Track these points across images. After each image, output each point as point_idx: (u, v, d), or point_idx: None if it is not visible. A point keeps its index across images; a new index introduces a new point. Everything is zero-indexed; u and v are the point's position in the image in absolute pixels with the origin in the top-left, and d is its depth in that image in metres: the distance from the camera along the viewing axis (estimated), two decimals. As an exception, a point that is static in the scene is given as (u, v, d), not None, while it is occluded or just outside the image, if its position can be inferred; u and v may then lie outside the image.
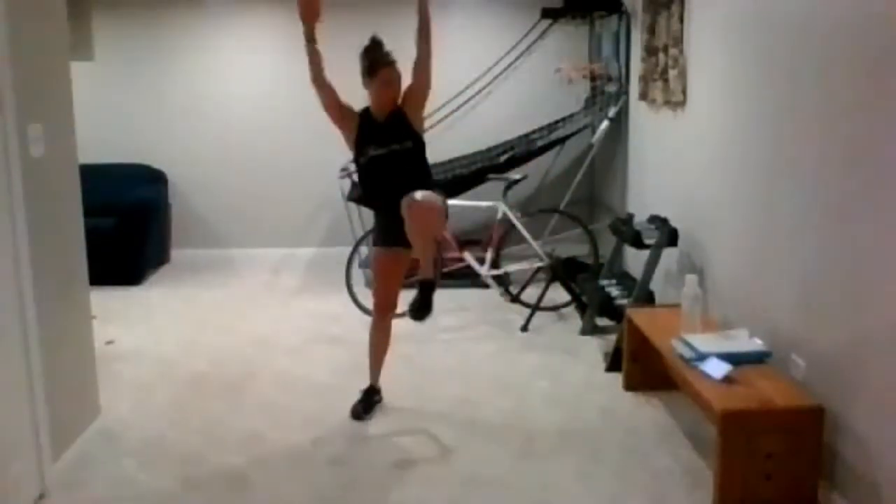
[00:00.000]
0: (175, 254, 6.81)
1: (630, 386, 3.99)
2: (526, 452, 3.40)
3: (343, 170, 6.15)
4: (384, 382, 3.87)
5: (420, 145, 3.62)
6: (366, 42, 3.67)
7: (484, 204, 5.42)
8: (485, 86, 6.62)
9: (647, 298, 4.41)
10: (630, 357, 3.98)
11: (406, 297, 3.70)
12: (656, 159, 5.08)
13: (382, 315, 3.79)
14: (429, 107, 6.40)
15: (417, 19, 3.60)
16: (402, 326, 5.07)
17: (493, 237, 5.40)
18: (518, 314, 5.14)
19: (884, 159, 2.54)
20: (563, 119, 6.18)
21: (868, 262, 2.64)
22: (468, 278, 5.64)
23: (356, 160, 3.66)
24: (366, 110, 3.63)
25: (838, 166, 2.82)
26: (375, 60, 3.59)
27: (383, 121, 3.60)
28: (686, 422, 3.61)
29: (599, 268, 5.17)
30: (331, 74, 3.62)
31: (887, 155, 2.53)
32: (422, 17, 3.59)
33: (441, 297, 5.35)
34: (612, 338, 4.44)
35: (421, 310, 3.52)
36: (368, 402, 3.79)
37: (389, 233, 3.64)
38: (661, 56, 4.74)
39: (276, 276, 6.41)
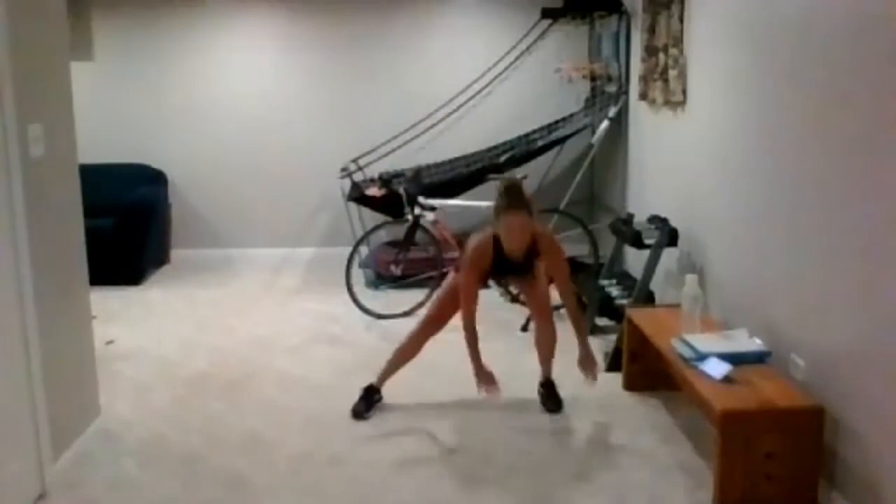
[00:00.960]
0: (175, 254, 6.81)
1: (630, 386, 3.99)
2: (525, 452, 3.40)
3: (343, 170, 6.15)
4: (387, 387, 3.86)
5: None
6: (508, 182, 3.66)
7: (484, 204, 5.41)
8: (485, 86, 6.62)
9: (647, 298, 4.41)
10: (630, 357, 3.98)
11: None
12: (656, 159, 5.08)
13: (432, 331, 3.85)
14: (429, 107, 6.48)
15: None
16: (401, 325, 5.06)
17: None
18: (518, 314, 5.13)
19: (884, 159, 2.54)
20: (563, 119, 6.19)
21: (868, 262, 2.64)
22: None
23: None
24: (497, 242, 3.58)
25: (839, 166, 2.82)
26: (502, 205, 3.52)
27: (518, 258, 3.61)
28: (686, 422, 3.61)
29: (599, 268, 5.17)
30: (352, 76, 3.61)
31: (888, 154, 2.53)
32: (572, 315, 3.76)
33: (441, 297, 5.38)
34: (612, 338, 4.44)
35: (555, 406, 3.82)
36: (369, 401, 3.79)
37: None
38: (661, 56, 4.74)
39: (276, 276, 6.41)
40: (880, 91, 2.56)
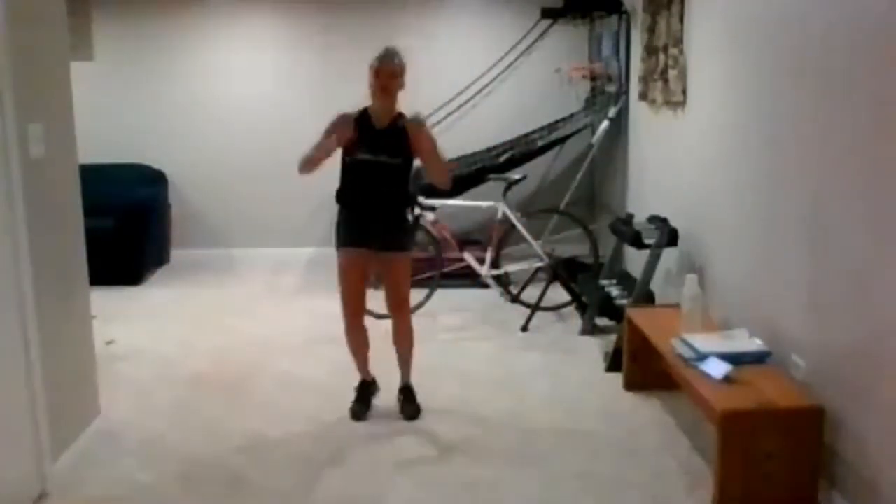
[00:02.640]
0: (175, 254, 6.81)
1: (630, 386, 3.99)
2: (526, 452, 3.40)
3: (343, 170, 6.15)
4: (385, 383, 3.87)
5: (409, 165, 3.64)
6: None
7: (484, 204, 5.42)
8: (485, 86, 6.62)
9: (647, 298, 4.41)
10: (630, 357, 3.98)
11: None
12: (656, 159, 5.08)
13: (355, 319, 3.75)
14: (429, 107, 6.47)
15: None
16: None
17: (492, 237, 5.40)
18: (518, 314, 5.13)
19: (885, 159, 2.54)
20: (563, 119, 6.19)
21: (868, 262, 2.64)
22: (468, 278, 5.64)
23: (343, 158, 3.65)
24: (364, 112, 3.64)
25: (838, 165, 2.82)
26: (379, 59, 3.65)
27: (382, 127, 3.60)
28: (686, 422, 3.61)
29: (599, 268, 5.17)
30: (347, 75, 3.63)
31: (888, 155, 2.53)
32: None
33: (441, 296, 5.38)
34: (612, 338, 4.44)
35: (412, 413, 3.73)
36: (365, 399, 3.79)
37: (359, 233, 3.64)
38: (661, 56, 4.74)
39: (276, 276, 6.41)
40: (880, 90, 2.56)
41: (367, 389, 3.83)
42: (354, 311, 3.73)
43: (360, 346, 3.80)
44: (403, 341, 3.79)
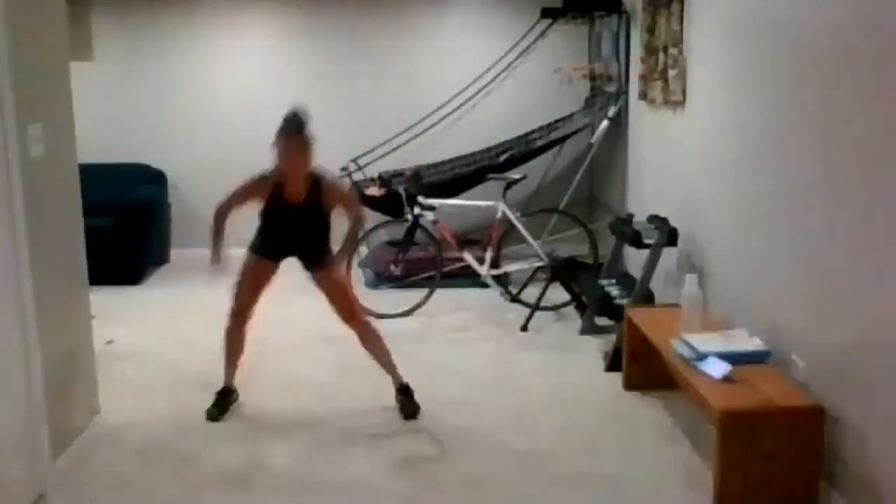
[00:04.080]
0: (175, 254, 6.80)
1: (630, 386, 3.99)
2: (525, 452, 3.40)
3: (343, 169, 6.15)
4: (385, 383, 3.86)
5: (327, 224, 3.66)
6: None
7: (484, 204, 5.41)
8: (485, 86, 6.61)
9: (647, 298, 4.41)
10: (630, 357, 3.98)
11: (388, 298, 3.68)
12: (656, 159, 5.08)
13: (240, 323, 3.76)
14: (429, 106, 6.47)
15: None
16: (401, 325, 5.08)
17: (492, 237, 5.40)
18: (518, 314, 5.13)
19: (885, 159, 2.54)
20: (563, 119, 6.19)
21: (868, 262, 2.64)
22: (468, 278, 5.64)
23: (262, 215, 3.68)
24: (276, 182, 3.58)
25: (839, 165, 2.82)
26: (281, 129, 3.57)
27: (297, 202, 3.57)
28: (686, 422, 3.61)
29: (599, 268, 5.17)
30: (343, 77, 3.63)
31: (889, 154, 2.53)
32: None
33: (441, 296, 5.38)
34: (612, 337, 4.44)
35: (412, 412, 3.73)
36: (224, 404, 3.78)
37: (276, 249, 3.71)
38: (661, 56, 4.74)
39: (276, 275, 6.38)
40: (880, 91, 2.56)
41: (228, 396, 3.82)
42: (243, 315, 3.75)
43: (238, 352, 3.81)
44: (371, 346, 3.79)
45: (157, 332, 5.01)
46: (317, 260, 3.68)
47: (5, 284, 2.85)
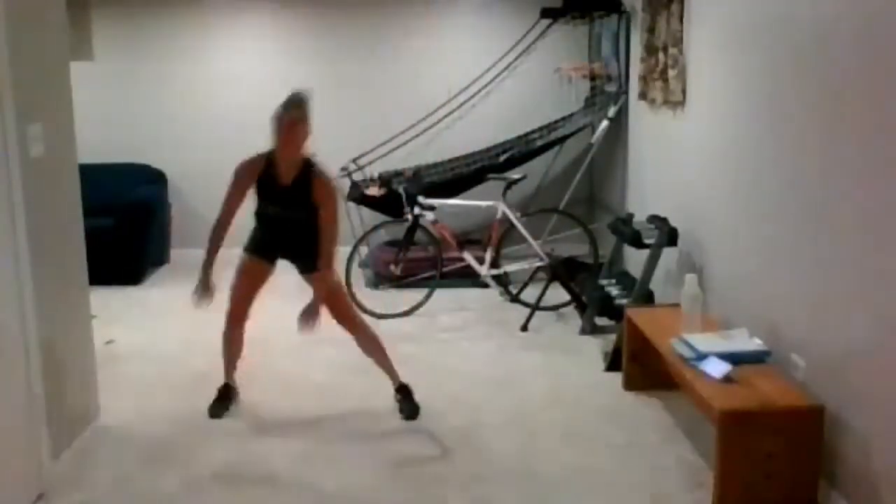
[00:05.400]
0: (175, 254, 6.80)
1: (630, 386, 3.99)
2: (525, 452, 3.40)
3: (343, 169, 6.15)
4: (385, 383, 3.86)
5: (314, 217, 3.59)
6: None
7: (484, 204, 5.41)
8: (485, 86, 6.61)
9: (647, 298, 4.41)
10: (630, 357, 3.98)
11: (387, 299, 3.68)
12: (656, 159, 5.08)
13: (237, 325, 3.77)
14: (429, 106, 6.47)
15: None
16: (401, 325, 5.07)
17: (492, 237, 5.40)
18: (518, 314, 5.13)
19: (885, 158, 2.55)
20: (563, 119, 6.18)
21: (869, 262, 2.64)
22: (468, 278, 5.64)
23: (257, 201, 3.65)
24: (269, 162, 3.57)
25: (839, 165, 2.82)
26: (281, 107, 3.60)
27: (287, 183, 3.55)
28: (686, 422, 3.61)
29: (599, 268, 5.17)
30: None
31: (889, 154, 2.53)
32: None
33: (441, 296, 5.39)
34: (612, 337, 4.44)
35: (411, 412, 3.73)
36: (225, 400, 3.81)
37: (267, 246, 3.71)
38: (661, 56, 4.74)
39: (276, 275, 6.37)
40: (880, 91, 2.56)
41: (229, 393, 3.84)
42: (239, 316, 3.75)
43: (236, 354, 3.83)
44: (371, 349, 3.78)
45: (157, 332, 5.01)
46: (308, 262, 3.65)
47: (5, 284, 2.85)
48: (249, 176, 3.59)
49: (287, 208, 3.58)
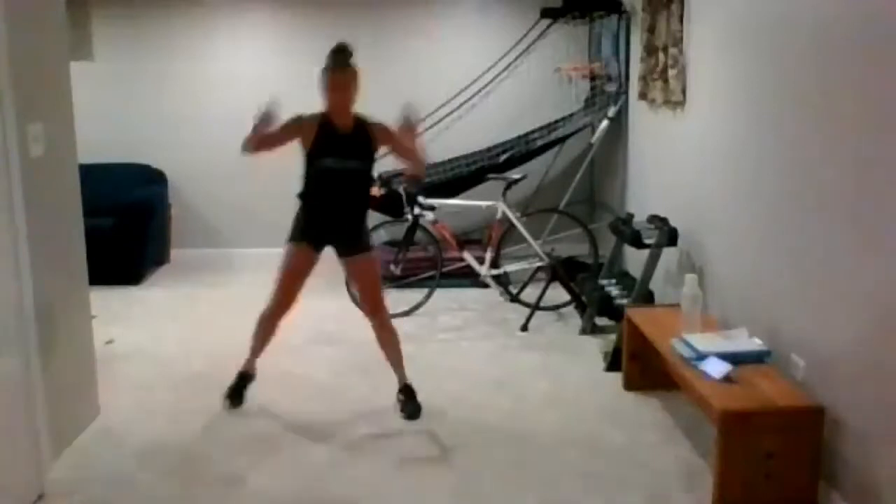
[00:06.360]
0: (175, 254, 6.80)
1: (630, 386, 3.99)
2: (526, 452, 3.40)
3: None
4: (386, 383, 3.86)
5: (372, 168, 3.64)
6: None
7: (483, 204, 5.41)
8: (485, 86, 6.61)
9: (647, 298, 4.41)
10: (630, 357, 3.98)
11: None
12: (656, 159, 5.08)
13: (282, 313, 3.73)
14: (428, 107, 6.46)
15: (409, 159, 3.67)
16: (401, 325, 5.05)
17: (492, 237, 5.40)
18: (518, 314, 5.13)
19: (885, 158, 2.55)
20: (563, 119, 6.18)
21: (868, 262, 2.64)
22: (468, 278, 5.64)
23: (308, 162, 3.60)
24: (324, 116, 3.58)
25: (839, 165, 2.82)
26: (327, 64, 3.62)
27: (346, 132, 3.56)
28: (686, 422, 3.61)
29: (599, 267, 5.17)
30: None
31: (888, 154, 2.53)
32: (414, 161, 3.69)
33: (441, 296, 5.39)
34: (612, 337, 4.44)
35: (413, 412, 3.72)
36: (241, 390, 3.81)
37: (319, 234, 3.66)
38: (661, 56, 4.74)
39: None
40: (880, 91, 2.56)
41: (247, 381, 3.84)
42: (286, 305, 3.72)
43: (266, 341, 3.81)
44: (389, 343, 3.79)
45: (157, 332, 5.01)
46: (353, 242, 3.64)
47: (5, 284, 2.85)
48: (298, 134, 3.57)
49: (346, 157, 3.54)
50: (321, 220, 3.65)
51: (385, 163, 6.27)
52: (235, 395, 3.80)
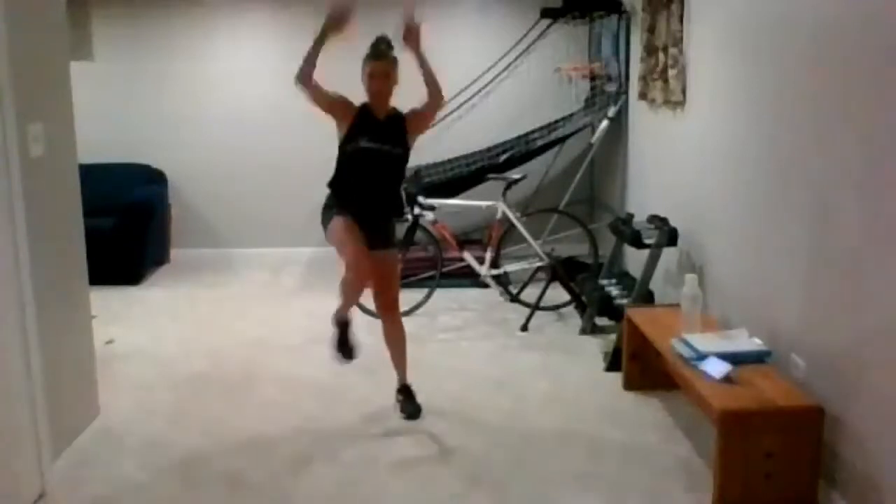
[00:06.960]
0: (175, 254, 6.81)
1: (630, 386, 3.99)
2: (525, 452, 3.40)
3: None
4: (386, 383, 3.87)
5: (406, 157, 3.67)
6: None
7: (484, 204, 5.41)
8: (485, 86, 6.61)
9: (647, 298, 4.41)
10: (630, 357, 3.98)
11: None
12: (656, 159, 5.08)
13: (362, 272, 3.48)
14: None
15: (423, 78, 3.70)
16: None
17: (492, 237, 5.40)
18: (518, 314, 5.13)
19: (886, 158, 2.55)
20: (563, 119, 6.18)
21: (868, 262, 2.64)
22: (468, 278, 5.64)
23: (343, 147, 3.63)
24: (365, 105, 3.68)
25: (838, 165, 2.82)
26: (368, 54, 3.74)
27: (382, 119, 3.64)
28: (686, 421, 3.61)
29: (599, 267, 5.17)
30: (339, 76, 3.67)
31: (888, 154, 2.53)
32: (427, 77, 3.71)
33: (441, 296, 5.39)
34: (612, 337, 4.44)
35: (412, 412, 3.71)
36: (348, 337, 3.50)
37: (354, 210, 3.57)
38: (661, 56, 4.74)
39: (276, 276, 6.40)
40: (880, 92, 2.56)
41: (347, 328, 3.51)
42: (361, 265, 3.45)
43: (356, 298, 3.62)
44: (398, 341, 3.80)
45: (157, 332, 5.01)
46: (383, 234, 3.64)
47: (5, 284, 2.85)
48: (346, 105, 3.64)
49: (383, 141, 3.58)
50: (354, 202, 3.63)
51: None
52: (343, 345, 3.47)
